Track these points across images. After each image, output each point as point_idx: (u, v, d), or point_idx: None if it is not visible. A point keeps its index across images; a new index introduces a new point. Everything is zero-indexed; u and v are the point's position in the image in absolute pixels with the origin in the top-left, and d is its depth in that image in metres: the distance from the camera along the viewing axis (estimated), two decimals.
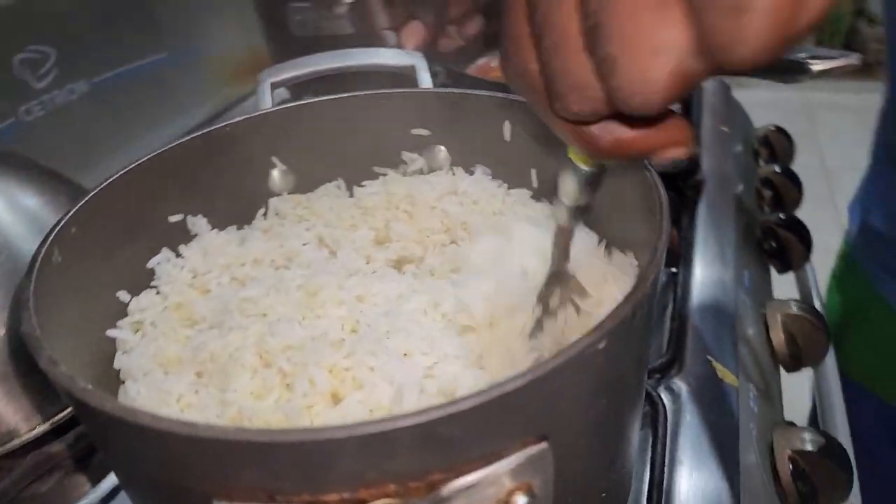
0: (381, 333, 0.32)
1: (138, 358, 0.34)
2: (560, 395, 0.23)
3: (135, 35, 0.84)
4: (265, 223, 0.45)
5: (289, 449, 0.20)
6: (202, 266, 0.41)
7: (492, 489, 0.22)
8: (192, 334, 0.36)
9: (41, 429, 0.46)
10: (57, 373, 0.23)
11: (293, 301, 0.35)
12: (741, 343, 0.59)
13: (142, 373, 0.33)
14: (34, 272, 0.29)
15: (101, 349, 0.35)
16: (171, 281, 0.40)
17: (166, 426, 0.20)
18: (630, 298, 0.24)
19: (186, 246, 0.42)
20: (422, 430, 0.20)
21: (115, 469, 0.28)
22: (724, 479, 0.46)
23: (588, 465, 0.28)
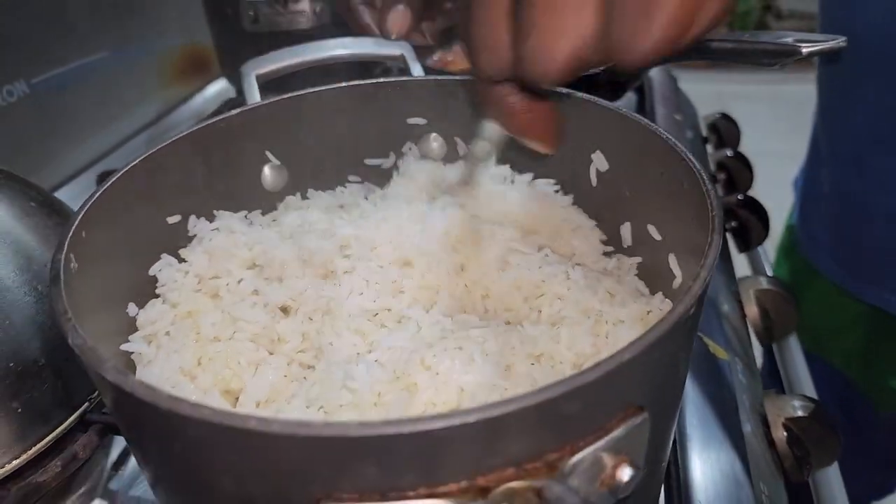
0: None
1: (161, 370, 0.32)
2: (658, 364, 0.23)
3: (75, 33, 0.79)
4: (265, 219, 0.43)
5: (412, 439, 0.19)
6: (207, 270, 0.38)
7: (599, 463, 0.22)
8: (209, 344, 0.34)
9: (24, 458, 0.43)
10: (129, 382, 0.21)
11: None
12: (723, 319, 0.61)
13: (169, 385, 0.31)
14: (60, 282, 0.27)
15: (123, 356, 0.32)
16: (177, 288, 0.37)
17: (278, 428, 0.19)
18: (706, 266, 0.25)
19: (188, 248, 0.40)
20: (544, 408, 0.19)
21: (176, 491, 0.26)
22: (733, 450, 0.47)
23: (664, 432, 0.28)
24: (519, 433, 0.20)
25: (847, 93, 0.70)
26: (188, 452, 0.21)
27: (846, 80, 0.70)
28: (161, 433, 0.22)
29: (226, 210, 0.44)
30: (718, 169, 0.90)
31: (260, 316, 0.35)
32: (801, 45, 0.45)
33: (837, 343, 0.82)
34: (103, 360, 0.22)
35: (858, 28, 0.64)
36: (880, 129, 0.66)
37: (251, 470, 0.21)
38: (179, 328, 0.35)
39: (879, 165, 0.67)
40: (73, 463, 0.44)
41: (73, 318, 0.24)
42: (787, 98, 3.25)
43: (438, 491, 0.20)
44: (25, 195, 0.47)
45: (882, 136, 0.66)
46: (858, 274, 0.74)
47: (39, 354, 0.41)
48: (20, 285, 0.42)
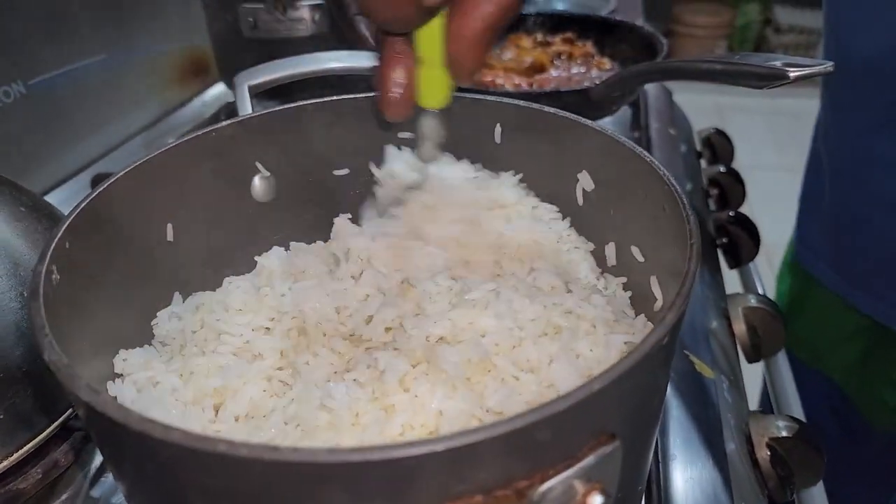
0: None
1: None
2: (631, 393, 0.23)
3: (73, 35, 0.79)
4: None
5: (380, 466, 0.19)
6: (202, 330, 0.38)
7: (571, 491, 0.22)
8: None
9: (5, 464, 0.42)
10: (102, 401, 0.21)
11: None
12: (710, 336, 0.61)
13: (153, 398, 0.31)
14: (40, 295, 0.27)
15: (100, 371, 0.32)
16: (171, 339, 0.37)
17: (247, 453, 0.19)
18: (681, 294, 0.25)
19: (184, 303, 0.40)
20: (514, 436, 0.20)
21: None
22: (716, 469, 0.47)
23: (639, 458, 0.28)
24: (488, 461, 0.20)
25: (849, 109, 0.71)
26: (160, 472, 0.22)
27: (848, 97, 0.70)
28: (133, 452, 0.22)
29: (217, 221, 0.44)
30: (711, 184, 0.90)
31: (244, 330, 0.35)
32: (790, 69, 0.45)
33: (835, 357, 0.83)
34: (77, 377, 0.22)
35: (862, 47, 0.64)
36: (881, 145, 0.66)
37: (221, 492, 0.21)
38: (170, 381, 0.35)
39: (879, 181, 0.68)
40: (54, 470, 0.44)
41: (49, 334, 0.24)
42: (785, 112, 3.26)
43: None
44: (16, 199, 0.47)
45: (882, 153, 0.66)
46: (857, 285, 0.74)
47: (23, 361, 0.41)
48: (6, 290, 0.42)
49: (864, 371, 0.79)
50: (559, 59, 0.94)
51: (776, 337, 0.67)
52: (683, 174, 0.87)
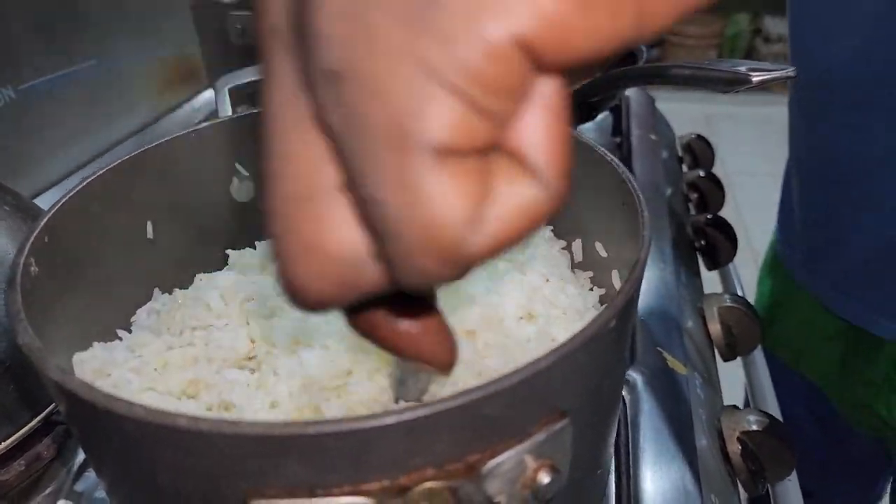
0: None
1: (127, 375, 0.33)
2: (578, 372, 0.24)
3: (63, 40, 0.80)
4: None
5: (336, 438, 0.20)
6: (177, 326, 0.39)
7: (521, 466, 0.23)
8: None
9: None
10: (70, 380, 0.22)
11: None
12: (685, 334, 0.63)
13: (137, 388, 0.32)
14: (17, 284, 0.28)
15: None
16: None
17: (207, 427, 0.20)
18: (631, 280, 0.26)
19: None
20: (466, 410, 0.21)
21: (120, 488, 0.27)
22: (685, 463, 0.48)
23: (595, 440, 0.29)
24: (439, 435, 0.21)
25: (816, 119, 0.73)
26: (126, 448, 0.23)
27: (816, 106, 0.72)
28: (102, 430, 0.23)
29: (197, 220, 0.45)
30: (691, 189, 0.92)
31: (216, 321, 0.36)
32: (753, 73, 0.47)
33: (815, 359, 0.84)
34: (47, 360, 0.23)
35: (828, 57, 0.66)
36: (851, 154, 0.68)
37: (185, 467, 0.22)
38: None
39: (850, 187, 0.69)
40: (36, 462, 0.45)
41: (24, 319, 0.25)
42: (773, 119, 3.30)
43: (362, 489, 0.22)
44: (0, 199, 0.48)
45: (851, 161, 0.68)
46: (835, 288, 0.76)
47: (5, 356, 0.42)
48: None
49: (843, 373, 0.80)
50: None
51: (751, 336, 0.69)
52: (664, 179, 0.89)
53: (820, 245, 0.77)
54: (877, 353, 0.73)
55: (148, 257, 0.42)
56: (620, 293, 0.25)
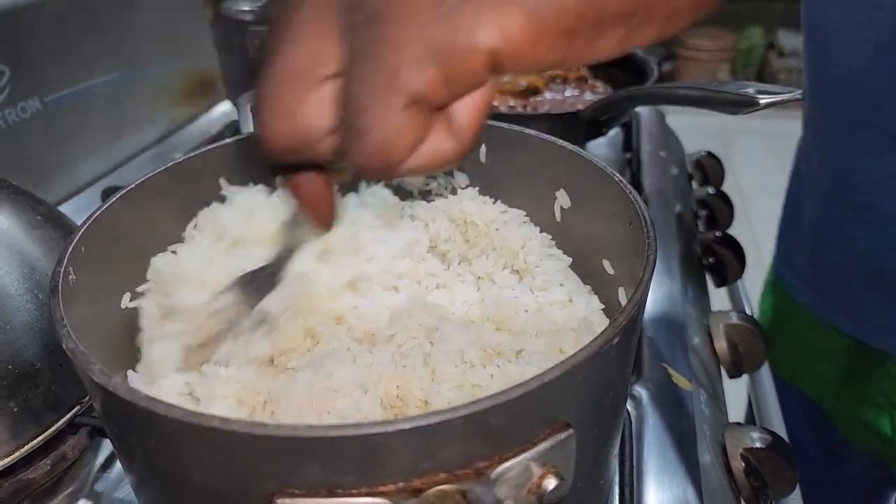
0: None
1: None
2: (582, 386, 0.26)
3: (88, 54, 0.83)
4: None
5: (355, 442, 0.22)
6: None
7: (527, 473, 0.25)
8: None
9: (17, 455, 0.45)
10: (113, 383, 0.24)
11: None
12: (690, 351, 0.64)
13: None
14: (59, 292, 0.30)
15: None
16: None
17: (238, 427, 0.22)
18: (634, 300, 0.28)
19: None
20: (475, 419, 0.22)
21: (152, 485, 0.29)
22: (688, 477, 0.50)
23: (598, 452, 0.30)
24: (450, 442, 0.23)
25: (828, 133, 0.73)
26: (162, 447, 0.24)
27: (828, 121, 0.72)
28: (139, 429, 0.25)
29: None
30: (700, 206, 0.93)
31: None
32: (760, 96, 0.49)
33: (815, 376, 0.84)
34: (92, 363, 0.25)
35: (840, 72, 0.67)
36: (862, 169, 0.67)
37: (215, 465, 0.24)
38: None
39: (859, 204, 0.69)
40: (61, 462, 0.47)
41: (67, 325, 0.27)
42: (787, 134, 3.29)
43: (377, 490, 0.23)
44: (33, 209, 0.51)
45: (863, 177, 0.68)
46: (836, 305, 0.76)
47: (36, 359, 0.44)
48: (22, 293, 0.45)
49: (843, 391, 0.80)
50: (554, 82, 0.97)
51: (757, 353, 0.69)
52: (673, 196, 0.90)
53: (823, 262, 0.78)
54: (879, 372, 0.73)
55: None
56: (623, 312, 0.27)
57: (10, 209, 0.49)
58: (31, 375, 0.44)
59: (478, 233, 0.45)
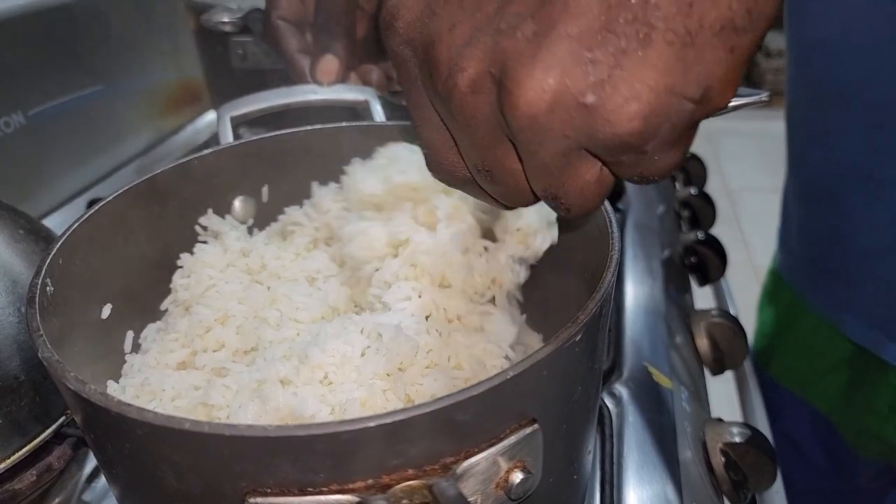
0: None
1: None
2: (547, 382, 0.27)
3: (71, 67, 0.84)
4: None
5: (324, 440, 0.23)
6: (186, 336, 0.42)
7: (495, 467, 0.25)
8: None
9: (2, 466, 0.46)
10: (87, 389, 0.24)
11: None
12: (671, 349, 0.65)
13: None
14: (36, 303, 0.30)
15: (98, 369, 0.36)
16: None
17: (208, 429, 0.22)
18: (597, 299, 0.29)
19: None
20: (440, 415, 0.23)
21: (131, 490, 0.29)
22: (667, 473, 0.50)
23: (569, 447, 0.31)
24: (417, 438, 0.24)
25: (820, 134, 0.72)
26: (136, 451, 0.25)
27: (818, 123, 0.72)
28: (114, 435, 0.25)
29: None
30: (683, 206, 0.94)
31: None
32: None
33: (821, 386, 0.83)
34: (67, 370, 0.25)
35: (831, 72, 0.67)
36: (855, 169, 0.68)
37: (189, 466, 0.24)
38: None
39: (854, 204, 0.69)
40: (47, 473, 0.47)
41: (43, 335, 0.28)
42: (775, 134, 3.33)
43: (347, 487, 0.24)
44: (15, 222, 0.51)
45: (855, 177, 0.68)
46: (844, 309, 0.75)
47: (19, 371, 0.45)
48: (5, 306, 0.45)
49: (849, 400, 0.80)
50: None
51: (738, 351, 0.70)
52: (655, 197, 0.91)
53: (824, 265, 0.77)
54: (882, 380, 0.73)
55: (154, 277, 0.44)
56: (585, 310, 0.28)
57: None
58: (15, 388, 0.44)
59: None
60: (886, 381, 0.72)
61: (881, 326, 0.71)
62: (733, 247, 1.24)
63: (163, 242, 0.45)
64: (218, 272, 0.43)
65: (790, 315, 0.86)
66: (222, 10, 0.79)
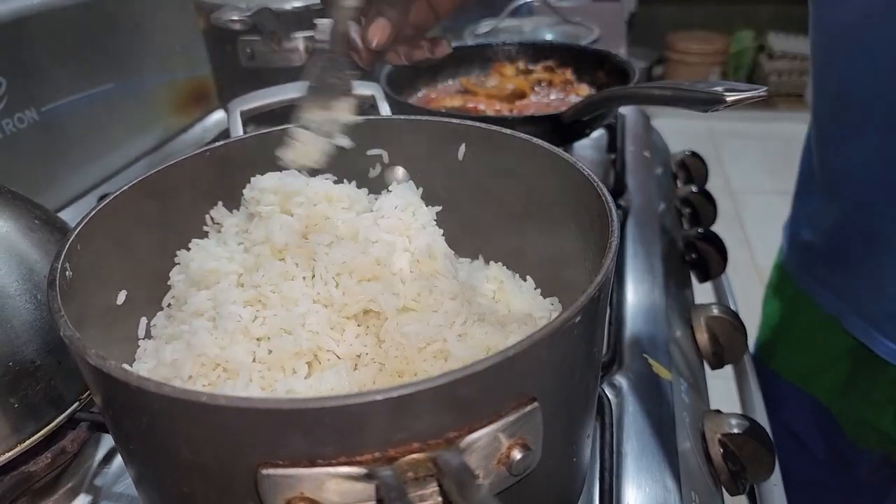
0: None
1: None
2: (546, 363, 0.28)
3: (84, 65, 0.85)
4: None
5: (332, 413, 0.24)
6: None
7: (496, 443, 0.27)
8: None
9: (18, 449, 0.47)
10: (108, 365, 0.26)
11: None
12: (671, 342, 0.66)
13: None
14: (56, 285, 0.31)
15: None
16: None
17: (224, 402, 0.24)
18: (596, 283, 0.30)
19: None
20: (444, 390, 0.24)
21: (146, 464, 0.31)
22: (665, 462, 0.51)
23: (568, 429, 0.32)
24: (422, 412, 0.25)
25: (846, 137, 0.72)
26: (154, 425, 0.26)
27: (845, 125, 0.72)
28: (133, 409, 0.26)
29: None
30: (684, 204, 0.95)
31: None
32: (728, 94, 0.51)
33: (823, 379, 0.84)
34: (87, 347, 0.26)
35: (855, 75, 0.67)
36: (883, 173, 0.67)
37: (204, 439, 0.25)
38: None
39: (882, 206, 0.69)
40: (61, 456, 0.48)
41: (64, 315, 0.29)
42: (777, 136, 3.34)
43: (355, 460, 0.25)
44: (31, 213, 0.52)
45: (884, 180, 0.67)
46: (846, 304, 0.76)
47: (35, 356, 0.46)
48: (22, 293, 0.47)
49: (849, 392, 0.80)
50: (539, 85, 1.00)
51: (737, 345, 0.71)
52: (656, 194, 0.92)
53: (832, 258, 0.77)
54: (881, 372, 0.74)
55: (166, 266, 0.45)
56: (585, 293, 0.29)
57: (10, 214, 0.51)
58: (31, 372, 0.46)
59: None
60: (885, 374, 0.73)
61: (877, 323, 0.72)
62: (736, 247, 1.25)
63: (175, 233, 0.46)
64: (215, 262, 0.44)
65: (793, 308, 0.87)
66: (231, 9, 0.81)
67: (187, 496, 0.28)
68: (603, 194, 0.37)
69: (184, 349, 0.38)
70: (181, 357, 0.38)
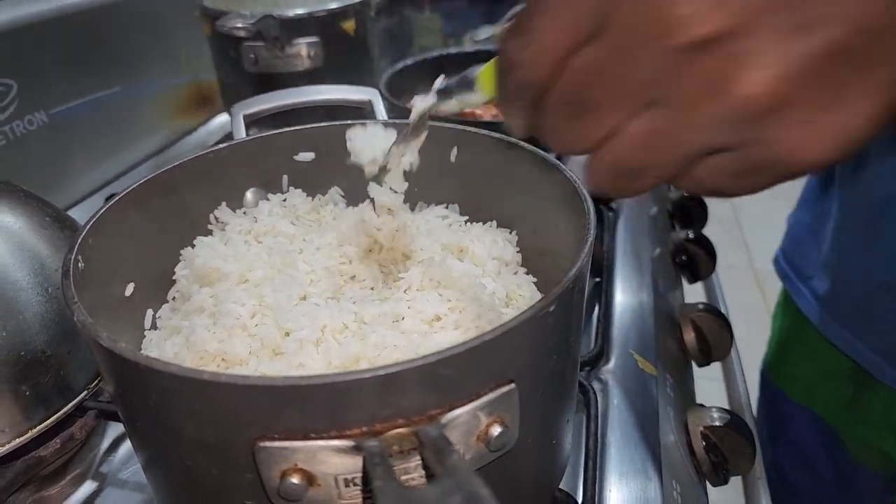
0: None
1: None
2: (522, 347, 0.30)
3: (92, 69, 0.88)
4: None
5: (323, 390, 0.26)
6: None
7: (475, 420, 0.29)
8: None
9: (29, 435, 0.49)
10: (119, 346, 0.28)
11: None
12: (658, 339, 0.68)
13: None
14: (70, 275, 0.34)
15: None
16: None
17: (225, 379, 0.26)
18: (570, 276, 0.32)
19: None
20: (427, 369, 0.27)
21: (151, 441, 0.33)
22: (648, 452, 0.54)
23: (545, 411, 0.35)
24: (406, 390, 0.27)
25: (861, 164, 0.72)
26: (161, 402, 0.29)
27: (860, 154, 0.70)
28: (141, 387, 0.29)
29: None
30: (675, 208, 0.97)
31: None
32: None
33: (825, 397, 0.85)
34: (100, 330, 0.29)
35: None
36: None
37: (206, 415, 0.28)
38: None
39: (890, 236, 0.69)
40: (70, 442, 0.51)
41: (78, 302, 0.31)
42: None
43: (345, 434, 0.27)
44: (42, 210, 0.55)
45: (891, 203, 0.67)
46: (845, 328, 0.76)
47: (46, 346, 0.48)
48: (33, 286, 0.49)
49: (851, 411, 0.81)
50: None
51: (723, 342, 0.74)
52: (648, 198, 0.95)
53: (840, 284, 0.78)
54: (877, 394, 0.75)
55: (174, 262, 0.48)
56: (560, 284, 0.31)
57: (22, 211, 0.53)
58: (42, 361, 0.48)
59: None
60: (877, 394, 0.74)
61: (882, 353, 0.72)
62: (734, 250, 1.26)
63: (181, 230, 0.49)
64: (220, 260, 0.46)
65: (797, 326, 0.87)
66: (236, 16, 0.83)
67: (191, 470, 0.31)
68: (581, 193, 0.39)
69: (183, 344, 0.40)
70: (181, 352, 0.40)
